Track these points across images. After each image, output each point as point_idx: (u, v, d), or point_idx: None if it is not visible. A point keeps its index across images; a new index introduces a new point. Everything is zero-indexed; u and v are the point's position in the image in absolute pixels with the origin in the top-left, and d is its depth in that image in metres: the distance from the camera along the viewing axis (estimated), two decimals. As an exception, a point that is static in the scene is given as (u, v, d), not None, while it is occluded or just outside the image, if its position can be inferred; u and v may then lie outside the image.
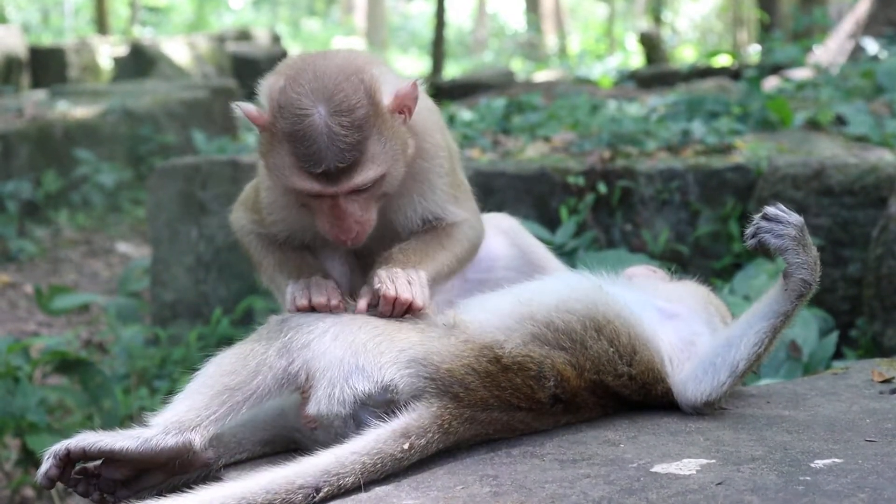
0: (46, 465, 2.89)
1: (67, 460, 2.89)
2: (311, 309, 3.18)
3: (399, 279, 3.20)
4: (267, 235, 3.52)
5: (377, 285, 3.18)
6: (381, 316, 3.14)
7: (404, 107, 3.24)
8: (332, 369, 2.95)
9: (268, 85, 3.23)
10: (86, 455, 2.88)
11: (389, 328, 3.02)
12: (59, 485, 5.38)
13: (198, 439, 2.92)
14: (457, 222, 3.51)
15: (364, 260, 3.54)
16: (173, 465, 2.97)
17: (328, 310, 3.15)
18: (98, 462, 2.95)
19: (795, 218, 3.11)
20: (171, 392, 3.11)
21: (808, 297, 3.14)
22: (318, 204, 3.21)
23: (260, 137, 3.26)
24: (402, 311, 3.16)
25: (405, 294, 3.15)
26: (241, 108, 3.23)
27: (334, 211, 3.20)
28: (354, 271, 3.55)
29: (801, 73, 12.90)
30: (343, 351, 2.96)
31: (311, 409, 2.95)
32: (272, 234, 3.51)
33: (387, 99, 3.19)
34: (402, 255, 3.35)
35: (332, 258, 3.50)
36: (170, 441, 2.90)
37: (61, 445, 2.89)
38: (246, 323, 6.78)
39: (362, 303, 3.19)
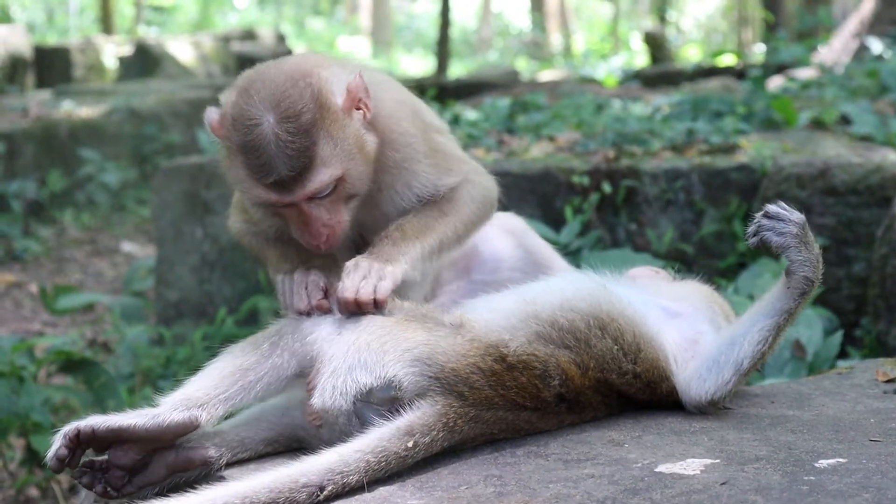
0: (56, 445, 2.88)
1: (77, 442, 2.88)
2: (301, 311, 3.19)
3: (358, 276, 3.14)
4: (263, 233, 3.52)
5: (339, 286, 3.14)
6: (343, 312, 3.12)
7: (359, 102, 3.21)
8: (335, 361, 2.96)
9: (223, 99, 3.24)
10: (95, 434, 2.88)
11: (396, 328, 3.02)
12: (63, 485, 5.38)
13: (205, 416, 2.92)
14: (455, 187, 3.50)
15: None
16: (177, 457, 2.97)
17: (309, 313, 3.15)
18: (105, 456, 2.95)
19: (797, 215, 3.11)
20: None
21: (810, 294, 3.14)
22: (286, 212, 3.22)
23: (221, 151, 3.26)
24: (366, 308, 3.10)
25: (364, 297, 3.09)
26: (208, 114, 3.24)
27: (301, 218, 3.20)
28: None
29: (805, 73, 12.88)
30: (347, 347, 2.97)
31: (316, 400, 2.95)
32: (265, 232, 3.51)
33: (340, 98, 3.17)
34: (398, 232, 3.34)
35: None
36: (177, 416, 2.90)
37: (71, 425, 2.89)
38: (251, 322, 6.78)
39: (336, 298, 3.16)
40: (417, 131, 3.45)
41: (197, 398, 2.94)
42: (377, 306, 3.10)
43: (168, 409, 2.92)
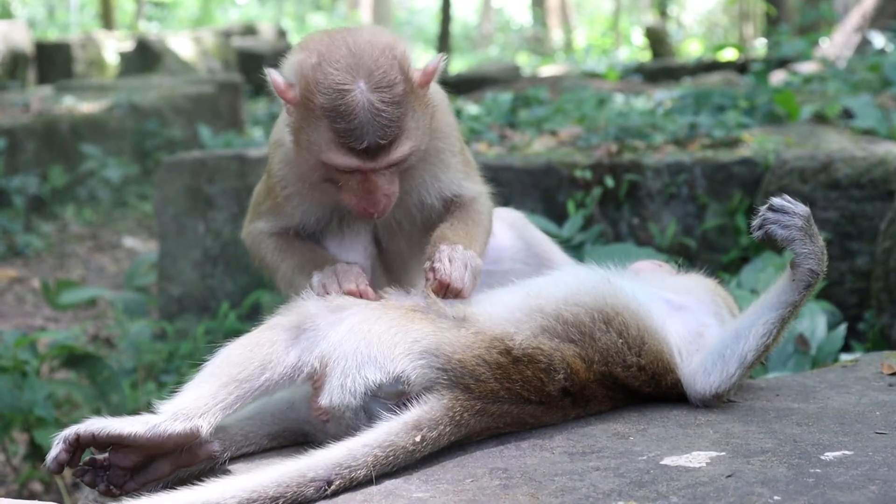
0: (56, 449, 2.89)
1: (77, 445, 2.89)
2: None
3: (456, 262, 3.23)
4: (281, 234, 3.53)
5: (436, 264, 3.22)
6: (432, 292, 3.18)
7: (427, 82, 3.28)
8: (345, 360, 2.95)
9: (297, 62, 3.21)
10: (95, 439, 2.89)
11: (404, 320, 3.02)
12: (67, 480, 5.38)
13: (205, 425, 2.92)
14: (475, 197, 3.60)
15: (384, 250, 3.57)
16: (180, 456, 2.97)
17: (358, 295, 3.18)
18: (106, 454, 2.95)
19: (801, 208, 3.11)
20: (178, 386, 3.10)
21: (815, 287, 3.14)
22: (347, 178, 3.23)
23: (290, 113, 3.25)
24: (449, 296, 3.18)
25: (458, 283, 3.18)
26: (273, 77, 3.21)
27: (365, 185, 3.23)
28: (375, 263, 3.57)
29: (807, 67, 12.88)
30: (357, 342, 2.97)
31: (324, 400, 2.95)
32: (285, 226, 3.51)
33: (415, 74, 3.23)
34: (451, 232, 3.39)
35: (351, 251, 3.52)
36: (177, 427, 2.90)
37: (71, 430, 2.89)
38: (253, 317, 6.78)
39: (430, 275, 3.21)
40: (456, 125, 3.59)
41: (196, 408, 2.93)
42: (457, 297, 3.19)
43: (168, 418, 2.91)
